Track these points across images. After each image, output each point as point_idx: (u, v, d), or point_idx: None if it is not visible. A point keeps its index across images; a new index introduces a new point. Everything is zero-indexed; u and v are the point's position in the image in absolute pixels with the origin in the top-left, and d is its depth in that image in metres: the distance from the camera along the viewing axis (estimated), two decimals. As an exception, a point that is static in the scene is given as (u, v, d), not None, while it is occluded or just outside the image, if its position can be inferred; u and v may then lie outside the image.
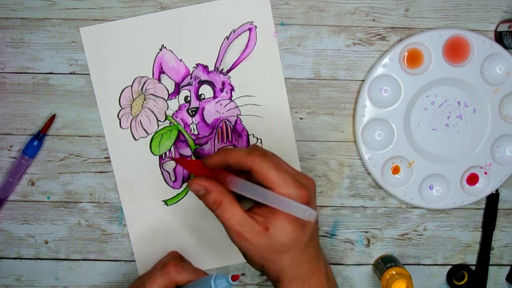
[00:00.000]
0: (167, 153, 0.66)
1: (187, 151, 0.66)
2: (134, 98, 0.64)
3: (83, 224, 0.67)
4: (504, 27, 0.63)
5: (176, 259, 0.62)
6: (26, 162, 0.65)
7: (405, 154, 0.65)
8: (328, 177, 0.67)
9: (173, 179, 0.66)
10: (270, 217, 0.52)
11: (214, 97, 0.65)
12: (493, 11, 0.64)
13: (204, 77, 0.64)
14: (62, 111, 0.65)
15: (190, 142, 0.66)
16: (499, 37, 0.64)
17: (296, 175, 0.53)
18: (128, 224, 0.67)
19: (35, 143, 0.64)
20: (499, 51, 0.63)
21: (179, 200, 0.67)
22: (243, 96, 0.65)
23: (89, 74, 0.64)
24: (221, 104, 0.65)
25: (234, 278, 0.50)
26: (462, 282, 0.69)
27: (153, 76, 0.64)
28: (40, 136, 0.64)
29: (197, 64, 0.64)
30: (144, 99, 0.64)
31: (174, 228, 0.67)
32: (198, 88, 0.65)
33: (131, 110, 0.65)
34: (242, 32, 0.64)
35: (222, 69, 0.64)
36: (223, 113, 0.65)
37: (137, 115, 0.65)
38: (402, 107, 0.64)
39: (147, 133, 0.65)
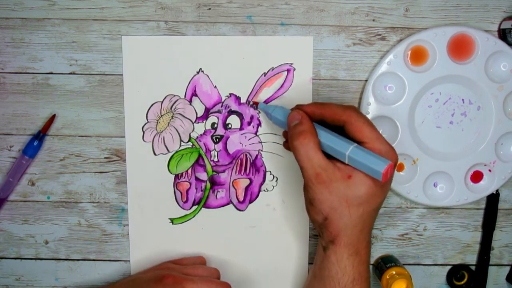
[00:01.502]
0: (184, 173, 0.64)
1: (203, 176, 0.64)
2: (162, 114, 0.63)
3: (83, 224, 0.65)
4: (507, 25, 0.61)
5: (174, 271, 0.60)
6: (26, 162, 0.62)
7: (409, 152, 0.63)
8: (328, 177, 0.65)
9: (184, 200, 0.64)
10: (353, 167, 0.50)
11: (240, 128, 0.63)
12: (493, 11, 0.62)
13: (234, 107, 0.63)
14: (62, 111, 0.62)
15: (208, 167, 0.64)
16: (503, 35, 0.62)
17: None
18: (130, 234, 0.65)
19: (35, 143, 0.62)
20: (503, 49, 0.61)
21: (185, 221, 0.65)
22: (268, 133, 0.63)
23: (89, 74, 0.62)
24: (245, 137, 0.63)
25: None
26: (462, 282, 0.68)
27: (185, 97, 0.62)
28: (40, 136, 0.62)
29: (230, 94, 0.62)
30: (172, 117, 0.63)
31: (175, 247, 0.65)
32: (226, 117, 0.63)
33: (156, 125, 0.63)
34: (280, 72, 0.62)
35: (253, 104, 0.63)
36: (246, 145, 0.63)
37: (162, 132, 0.63)
38: (407, 104, 0.62)
39: (168, 150, 0.63)
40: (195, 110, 0.63)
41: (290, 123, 0.53)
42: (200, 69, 0.62)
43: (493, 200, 0.66)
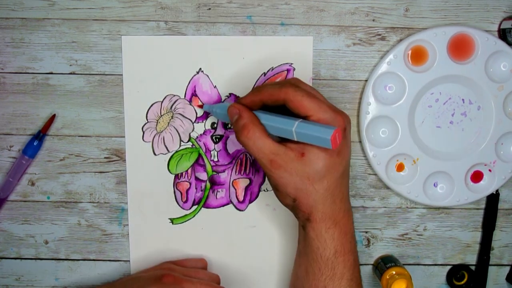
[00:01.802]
0: (184, 173, 0.63)
1: (203, 176, 0.63)
2: (161, 114, 0.62)
3: (83, 224, 0.64)
4: (507, 24, 0.60)
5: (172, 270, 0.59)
6: (26, 162, 0.62)
7: (410, 152, 0.63)
8: (328, 177, 0.64)
9: (184, 200, 0.64)
10: (304, 144, 0.50)
11: None
12: (493, 11, 0.62)
13: None
14: (62, 111, 0.62)
15: (208, 167, 0.63)
16: (503, 34, 0.61)
17: (331, 105, 0.51)
18: (130, 234, 0.64)
19: (35, 143, 0.61)
20: (503, 49, 0.61)
21: (185, 221, 0.64)
22: None
23: (89, 74, 0.61)
24: None
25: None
26: (462, 282, 0.67)
27: (184, 96, 0.62)
28: (40, 136, 0.61)
29: (230, 94, 0.62)
30: (172, 117, 0.62)
31: (175, 247, 0.64)
32: None
33: (156, 125, 0.62)
34: (280, 72, 0.62)
35: None
36: None
37: (162, 132, 0.62)
38: (407, 104, 0.62)
39: (168, 150, 0.63)
40: (195, 110, 0.62)
41: (231, 119, 0.53)
42: (200, 69, 0.62)
43: (493, 200, 0.65)
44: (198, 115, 0.62)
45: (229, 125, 0.62)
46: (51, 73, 0.61)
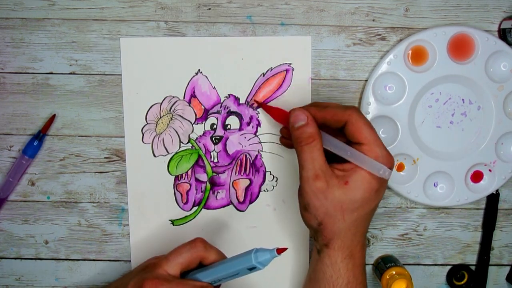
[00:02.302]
0: (184, 174, 0.63)
1: (203, 177, 0.64)
2: (161, 116, 0.62)
3: (83, 224, 0.64)
4: (507, 24, 0.60)
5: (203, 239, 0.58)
6: (26, 162, 0.62)
7: (410, 152, 0.63)
8: (328, 177, 0.64)
9: (184, 201, 0.64)
10: (350, 172, 0.51)
11: (240, 129, 0.63)
12: (493, 11, 0.62)
13: (233, 108, 0.62)
14: (62, 111, 0.62)
15: (208, 168, 0.63)
16: (503, 34, 0.61)
17: (383, 144, 0.53)
18: (131, 234, 0.64)
19: (35, 143, 0.61)
20: (503, 49, 0.61)
21: (186, 222, 0.64)
22: (267, 133, 0.63)
23: (89, 74, 0.61)
24: (245, 137, 0.63)
25: (280, 251, 0.48)
26: (462, 282, 0.67)
27: (184, 98, 0.62)
28: (40, 136, 0.61)
29: (229, 94, 0.62)
30: (171, 118, 0.62)
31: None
32: (225, 118, 0.63)
33: (155, 127, 0.62)
34: (279, 72, 0.62)
35: (253, 104, 0.62)
36: (245, 146, 0.63)
37: (161, 133, 0.62)
38: (407, 104, 0.62)
39: (167, 152, 0.63)
40: (194, 111, 0.62)
41: (294, 123, 0.53)
42: (199, 70, 0.62)
43: (493, 200, 0.65)
44: (197, 116, 0.62)
45: (229, 126, 0.62)
46: (51, 73, 0.61)
